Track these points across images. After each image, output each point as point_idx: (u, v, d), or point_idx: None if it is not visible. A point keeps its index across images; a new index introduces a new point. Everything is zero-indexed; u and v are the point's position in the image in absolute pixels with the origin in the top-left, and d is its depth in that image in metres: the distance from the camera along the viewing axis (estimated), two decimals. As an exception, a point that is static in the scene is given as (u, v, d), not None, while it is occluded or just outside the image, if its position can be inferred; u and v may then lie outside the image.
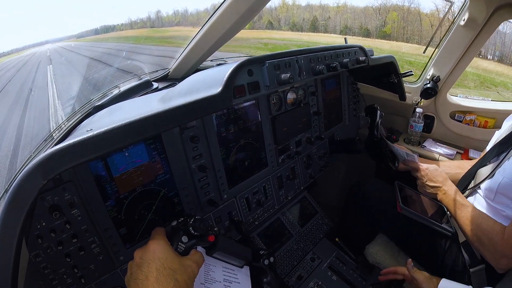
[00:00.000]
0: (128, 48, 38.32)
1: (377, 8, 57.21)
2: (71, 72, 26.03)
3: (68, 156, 1.02)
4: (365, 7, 60.71)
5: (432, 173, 2.26)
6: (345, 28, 60.92)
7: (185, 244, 1.30)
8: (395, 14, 52.91)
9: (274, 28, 71.53)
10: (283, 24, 74.49)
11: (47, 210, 1.33)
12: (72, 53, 49.58)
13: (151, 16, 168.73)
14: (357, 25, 59.85)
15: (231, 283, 1.59)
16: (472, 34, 2.69)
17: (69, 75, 23.73)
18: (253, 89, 1.68)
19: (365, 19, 58.76)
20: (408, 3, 53.09)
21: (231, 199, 2.22)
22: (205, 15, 2.18)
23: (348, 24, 61.45)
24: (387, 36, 51.29)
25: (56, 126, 2.34)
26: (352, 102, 3.35)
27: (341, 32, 60.48)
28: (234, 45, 21.94)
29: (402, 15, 52.32)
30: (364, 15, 59.27)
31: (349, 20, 62.41)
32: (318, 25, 67.90)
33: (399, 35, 49.12)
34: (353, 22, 61.10)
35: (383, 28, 54.24)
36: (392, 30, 51.73)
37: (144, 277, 1.10)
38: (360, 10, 60.99)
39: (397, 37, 48.47)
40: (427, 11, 48.31)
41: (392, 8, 54.61)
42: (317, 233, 2.87)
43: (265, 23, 71.84)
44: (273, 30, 68.98)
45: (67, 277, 1.45)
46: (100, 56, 34.46)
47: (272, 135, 2.40)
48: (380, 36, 52.48)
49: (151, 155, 1.69)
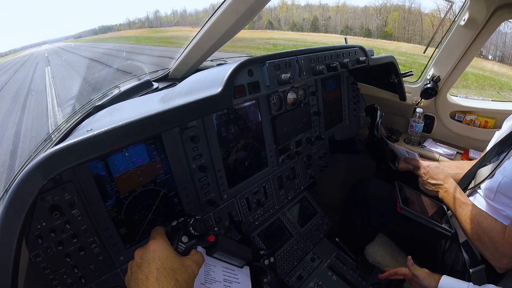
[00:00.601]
0: (128, 49, 38.29)
1: (377, 8, 57.23)
2: (71, 74, 26.01)
3: (68, 156, 1.02)
4: (365, 7, 60.74)
5: (433, 170, 2.26)
6: (346, 28, 60.93)
7: (185, 244, 1.30)
8: (396, 14, 52.96)
9: (274, 28, 71.53)
10: (283, 24, 74.49)
11: (47, 210, 1.33)
12: (71, 54, 49.57)
13: (150, 16, 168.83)
14: (358, 25, 59.87)
15: (231, 283, 1.59)
16: (472, 34, 2.69)
17: (68, 78, 23.68)
18: (253, 89, 1.68)
19: (365, 19, 58.78)
20: (409, 3, 53.15)
21: (231, 199, 2.22)
22: (204, 15, 2.19)
23: (349, 24, 61.47)
24: (389, 36, 51.31)
25: (55, 127, 2.34)
26: (352, 102, 3.35)
27: (342, 32, 60.52)
28: (241, 45, 22.00)
29: (403, 15, 52.38)
30: (365, 15, 59.29)
31: (350, 20, 62.43)
32: (318, 25, 67.89)
33: (400, 35, 49.15)
34: (353, 22, 61.12)
35: (384, 28, 54.27)
36: (394, 30, 51.76)
37: (145, 277, 1.10)
38: (360, 10, 61.06)
39: (399, 37, 48.51)
40: (428, 10, 48.40)
41: (393, 8, 54.64)
42: (317, 233, 2.87)
43: (265, 23, 71.85)
44: (274, 30, 68.99)
45: (67, 277, 1.45)
46: (100, 56, 34.47)
47: (272, 135, 2.40)
48: (381, 36, 52.49)
49: (151, 155, 1.69)
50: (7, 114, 15.16)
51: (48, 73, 25.67)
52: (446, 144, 3.29)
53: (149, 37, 71.24)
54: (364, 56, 2.51)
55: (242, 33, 2.18)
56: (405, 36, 47.86)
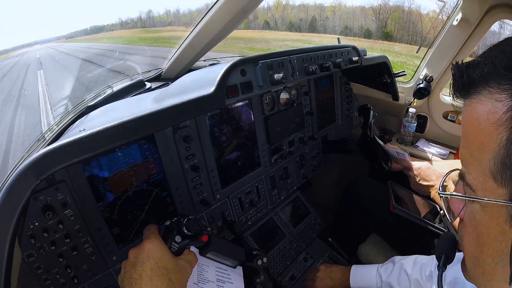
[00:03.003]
0: (121, 49, 38.13)
1: (376, 8, 57.26)
2: (63, 74, 25.88)
3: (61, 156, 1.02)
4: (364, 8, 60.70)
5: (424, 171, 2.27)
6: (346, 29, 60.91)
7: (178, 244, 1.30)
8: (396, 15, 53.02)
9: (271, 28, 71.45)
10: (280, 24, 74.44)
11: (40, 210, 1.33)
12: (63, 54, 49.24)
13: (142, 16, 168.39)
14: (357, 25, 59.87)
15: (224, 283, 1.59)
16: (465, 34, 2.71)
17: (61, 78, 23.56)
18: (246, 89, 1.69)
19: (365, 20, 58.79)
20: (409, 4, 53.22)
21: (224, 199, 2.21)
22: (198, 14, 2.18)
23: (348, 25, 61.45)
24: (389, 37, 51.34)
25: (48, 127, 2.33)
26: (345, 102, 3.36)
27: (341, 32, 60.45)
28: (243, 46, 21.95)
29: (403, 16, 52.45)
30: (365, 16, 59.31)
31: (349, 20, 62.42)
32: (317, 26, 67.85)
33: (400, 36, 49.18)
34: (352, 23, 61.10)
35: (385, 29, 54.30)
36: (394, 31, 51.79)
37: (138, 276, 1.10)
38: (359, 10, 61.05)
39: (400, 38, 48.58)
40: (427, 11, 48.50)
41: (393, 9, 54.70)
42: (310, 233, 2.87)
43: (262, 23, 71.75)
44: (271, 31, 68.91)
45: (60, 277, 1.44)
46: (93, 57, 34.32)
47: (265, 135, 2.40)
48: (382, 37, 52.49)
49: (144, 155, 1.69)
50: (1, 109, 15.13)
51: (41, 75, 25.46)
52: (439, 144, 3.31)
53: (142, 37, 71.10)
54: (357, 56, 2.52)
55: (249, 34, 2.18)
56: (406, 37, 47.98)
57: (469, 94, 0.77)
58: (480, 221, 0.79)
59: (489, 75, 0.72)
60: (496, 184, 0.72)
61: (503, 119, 0.68)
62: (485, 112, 0.72)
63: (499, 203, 0.72)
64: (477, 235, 0.82)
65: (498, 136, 0.69)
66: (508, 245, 0.72)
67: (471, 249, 0.87)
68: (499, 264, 0.77)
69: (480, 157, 0.74)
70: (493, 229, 0.76)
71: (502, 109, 0.68)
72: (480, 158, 0.74)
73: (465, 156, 0.81)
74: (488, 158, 0.71)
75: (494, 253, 0.78)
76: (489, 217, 0.76)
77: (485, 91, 0.73)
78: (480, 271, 0.85)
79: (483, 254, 0.81)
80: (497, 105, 0.69)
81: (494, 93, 0.71)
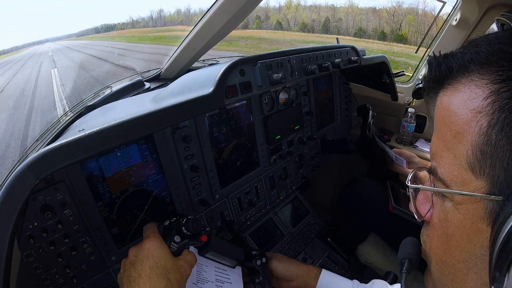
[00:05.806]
0: (132, 47, 38.21)
1: (390, 10, 57.07)
2: (77, 72, 25.92)
3: (60, 156, 1.02)
4: (378, 9, 60.42)
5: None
6: (360, 31, 60.60)
7: (177, 243, 1.31)
8: (411, 17, 52.85)
9: (283, 29, 71.24)
10: (292, 25, 74.23)
11: (39, 210, 1.33)
12: (76, 52, 49.28)
13: (153, 16, 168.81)
14: (371, 27, 59.63)
15: (223, 283, 1.59)
16: (464, 34, 2.70)
17: (76, 77, 23.57)
18: (245, 89, 1.69)
19: (379, 22, 58.58)
20: (423, 6, 53.00)
21: (223, 199, 2.22)
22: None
23: (362, 26, 61.22)
24: (404, 39, 51.13)
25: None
26: (344, 102, 3.36)
27: (355, 34, 60.07)
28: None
29: (417, 18, 52.28)
30: (379, 17, 59.09)
31: (363, 22, 62.20)
32: (330, 27, 67.62)
33: (415, 38, 48.99)
34: (366, 24, 60.87)
35: (399, 32, 54.09)
36: (409, 33, 51.60)
37: (137, 275, 1.10)
38: (372, 11, 60.78)
39: (415, 41, 48.43)
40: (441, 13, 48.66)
41: (407, 11, 54.48)
42: (309, 233, 2.87)
43: (274, 23, 71.60)
44: (284, 31, 68.69)
45: (59, 277, 1.44)
46: (105, 55, 34.38)
47: (264, 135, 2.40)
48: (396, 39, 52.26)
49: (143, 155, 1.69)
50: (13, 114, 15.09)
51: (55, 75, 25.36)
52: (437, 144, 3.29)
53: (153, 37, 71.16)
54: (356, 56, 2.52)
55: (276, 35, 2.17)
56: (419, 39, 47.83)
57: (445, 84, 0.76)
58: (452, 221, 0.74)
59: (470, 62, 0.70)
60: (474, 176, 0.67)
61: (483, 105, 0.65)
62: (462, 100, 0.69)
63: (476, 198, 0.67)
64: (447, 238, 0.77)
65: (477, 123, 0.65)
66: (484, 247, 0.67)
67: (439, 254, 0.82)
68: (472, 270, 0.71)
69: (455, 148, 0.70)
70: (468, 229, 0.70)
71: (481, 95, 0.65)
72: (455, 149, 0.70)
73: (437, 149, 0.77)
74: (465, 148, 0.68)
75: (467, 257, 0.72)
76: (463, 215, 0.71)
77: (463, 79, 0.71)
78: (449, 279, 0.79)
79: (454, 259, 0.76)
80: (476, 91, 0.67)
81: (473, 80, 0.68)
